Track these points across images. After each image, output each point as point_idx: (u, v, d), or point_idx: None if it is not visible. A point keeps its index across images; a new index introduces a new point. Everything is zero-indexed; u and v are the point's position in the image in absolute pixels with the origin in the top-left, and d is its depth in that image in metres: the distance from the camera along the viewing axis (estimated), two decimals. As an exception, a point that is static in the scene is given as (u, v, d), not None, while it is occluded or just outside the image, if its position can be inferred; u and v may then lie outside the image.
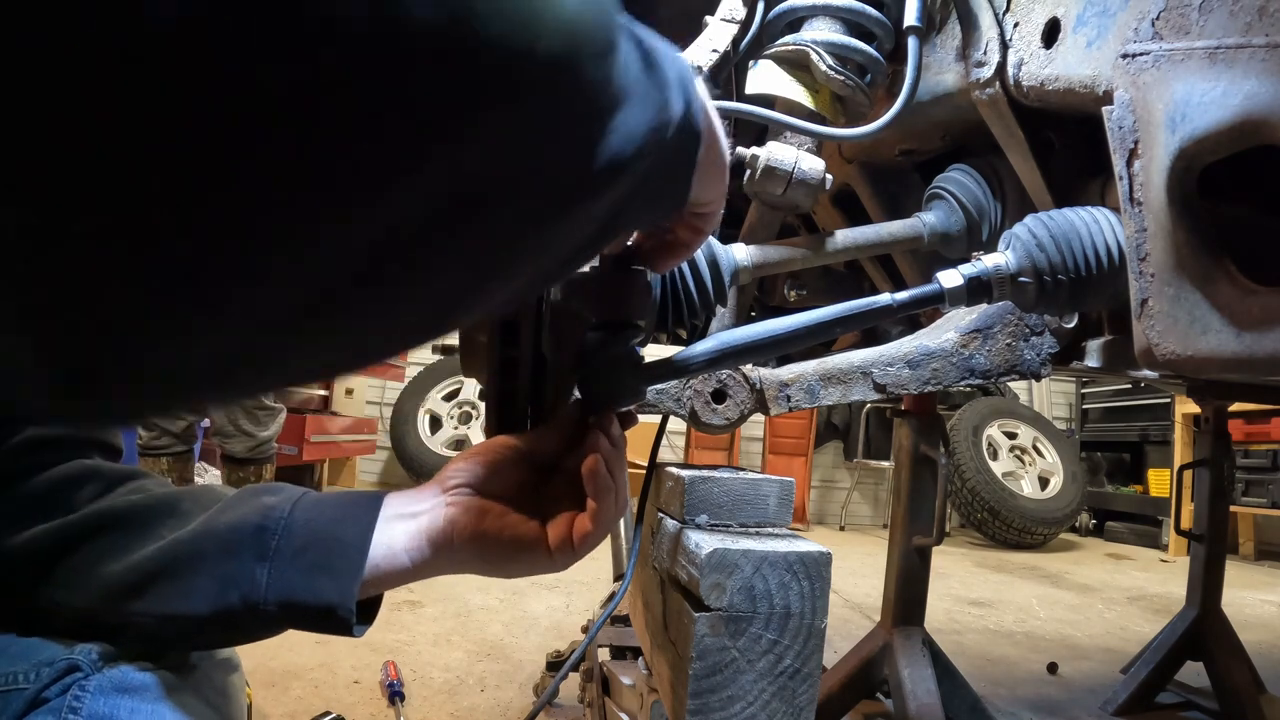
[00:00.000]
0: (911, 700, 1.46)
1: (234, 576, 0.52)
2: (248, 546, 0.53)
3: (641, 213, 0.44)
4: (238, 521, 0.54)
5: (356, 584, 0.52)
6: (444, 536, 0.55)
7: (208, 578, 0.52)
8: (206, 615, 0.52)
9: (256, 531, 0.53)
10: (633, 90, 0.35)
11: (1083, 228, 0.64)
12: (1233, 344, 0.52)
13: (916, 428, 1.61)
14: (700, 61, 0.68)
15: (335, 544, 0.53)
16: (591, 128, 0.32)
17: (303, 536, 0.54)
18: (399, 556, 0.55)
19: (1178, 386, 1.92)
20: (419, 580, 0.57)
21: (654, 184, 0.42)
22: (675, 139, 0.40)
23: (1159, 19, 0.57)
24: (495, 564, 0.56)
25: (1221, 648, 1.90)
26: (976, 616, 2.92)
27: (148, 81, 0.19)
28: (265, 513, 0.55)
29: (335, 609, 0.52)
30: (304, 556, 0.53)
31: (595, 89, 0.31)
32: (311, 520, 0.55)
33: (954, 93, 0.85)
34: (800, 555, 0.57)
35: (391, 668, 1.76)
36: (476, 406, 4.99)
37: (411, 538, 0.55)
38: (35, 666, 0.50)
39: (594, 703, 1.31)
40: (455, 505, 0.56)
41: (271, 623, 0.53)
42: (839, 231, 0.81)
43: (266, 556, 0.52)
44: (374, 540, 0.54)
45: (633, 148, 0.35)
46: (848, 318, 0.62)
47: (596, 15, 0.31)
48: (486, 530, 0.55)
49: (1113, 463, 5.96)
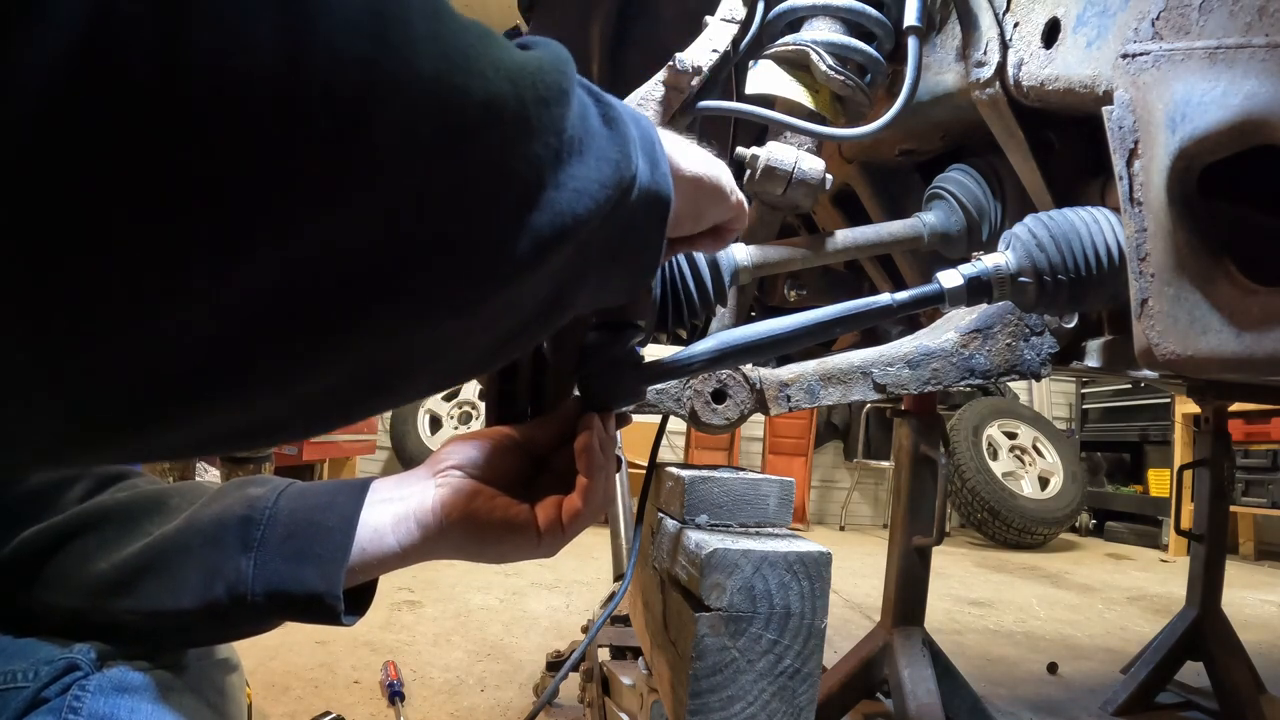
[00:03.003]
0: (911, 700, 1.46)
1: (219, 569, 0.51)
2: (232, 538, 0.52)
3: (605, 281, 0.41)
4: (222, 513, 0.54)
5: (342, 570, 0.52)
6: (432, 517, 0.54)
7: (193, 572, 0.52)
8: (194, 610, 0.51)
9: (241, 523, 0.53)
10: (589, 144, 0.32)
11: (1083, 228, 0.64)
12: (1233, 344, 0.52)
13: (916, 428, 1.61)
14: (700, 61, 0.68)
15: (319, 530, 0.53)
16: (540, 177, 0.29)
17: (287, 525, 0.53)
18: (386, 539, 0.54)
19: (1178, 386, 1.92)
20: (408, 565, 0.55)
21: (616, 249, 0.39)
22: (640, 202, 0.37)
23: (1159, 19, 0.57)
24: (484, 546, 0.55)
25: (1221, 648, 1.90)
26: (976, 616, 2.92)
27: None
28: (250, 504, 0.54)
29: (322, 597, 0.51)
30: (288, 545, 0.52)
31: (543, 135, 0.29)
32: (296, 509, 0.54)
33: (954, 93, 0.85)
34: (800, 555, 0.57)
35: (391, 668, 1.76)
36: (476, 406, 4.98)
37: (399, 520, 0.54)
38: (34, 665, 0.50)
39: (594, 703, 1.31)
40: (445, 486, 0.55)
41: (260, 614, 0.52)
42: (839, 231, 0.81)
43: (251, 547, 0.52)
44: (360, 524, 0.53)
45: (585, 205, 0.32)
46: (848, 318, 0.62)
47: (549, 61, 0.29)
48: (475, 510, 0.54)
49: (1113, 463, 5.96)
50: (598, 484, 0.55)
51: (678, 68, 0.67)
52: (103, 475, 0.61)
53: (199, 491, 0.59)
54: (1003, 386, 5.47)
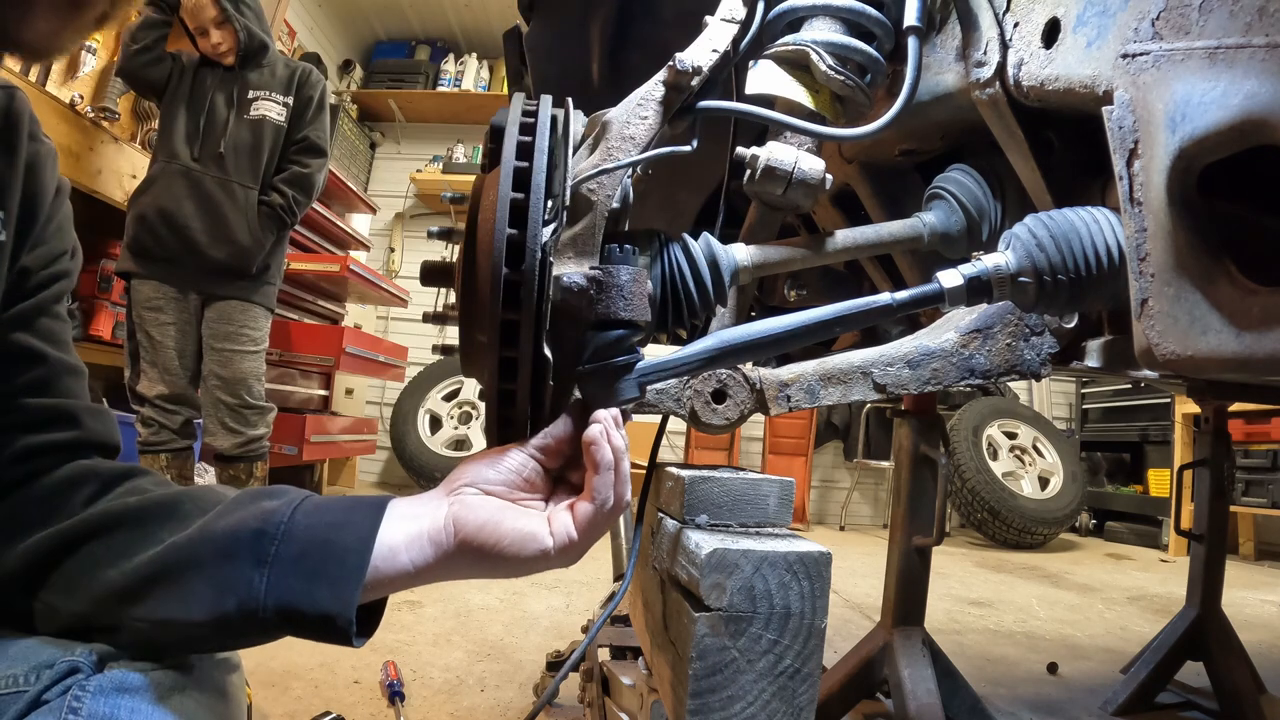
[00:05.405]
0: (911, 700, 1.46)
1: (231, 582, 0.51)
2: (246, 552, 0.52)
3: None
4: (237, 526, 0.53)
5: (357, 591, 0.51)
6: (445, 535, 0.54)
7: (205, 584, 0.51)
8: (203, 621, 0.51)
9: (255, 537, 0.52)
10: None
11: (1083, 228, 0.64)
12: (1233, 344, 0.52)
13: (916, 428, 1.61)
14: (700, 61, 0.68)
15: (335, 550, 0.52)
16: None
17: (302, 542, 0.52)
18: (399, 558, 0.53)
19: (1178, 386, 1.92)
20: (422, 584, 0.55)
21: None
22: None
23: (1159, 19, 0.57)
24: (499, 558, 0.55)
25: (1221, 648, 1.90)
26: (976, 616, 2.92)
27: None
28: (265, 517, 0.54)
29: (334, 618, 0.51)
30: (303, 563, 0.52)
31: None
32: (312, 526, 0.54)
33: (954, 93, 0.85)
34: (800, 555, 0.57)
35: (391, 668, 1.76)
36: (476, 406, 4.98)
37: (412, 539, 0.54)
38: (36, 669, 0.50)
39: (594, 703, 1.31)
40: (458, 503, 0.56)
41: (269, 629, 0.52)
42: (839, 231, 0.81)
43: (265, 562, 0.51)
44: (375, 543, 0.53)
45: None
46: (848, 317, 0.62)
47: None
48: (487, 522, 0.54)
49: (1113, 463, 5.96)
50: (606, 479, 0.55)
51: (678, 68, 0.67)
52: (109, 476, 0.61)
53: (212, 498, 0.59)
54: (1003, 386, 5.47)
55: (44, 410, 0.61)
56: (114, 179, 2.85)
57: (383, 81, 5.95)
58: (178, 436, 2.49)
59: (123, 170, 2.89)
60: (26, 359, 0.61)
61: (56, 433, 0.61)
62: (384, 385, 5.48)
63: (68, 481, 0.59)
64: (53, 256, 0.65)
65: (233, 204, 2.51)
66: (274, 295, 2.70)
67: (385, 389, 5.54)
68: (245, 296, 2.58)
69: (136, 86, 2.65)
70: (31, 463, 0.59)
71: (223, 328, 2.54)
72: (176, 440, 2.49)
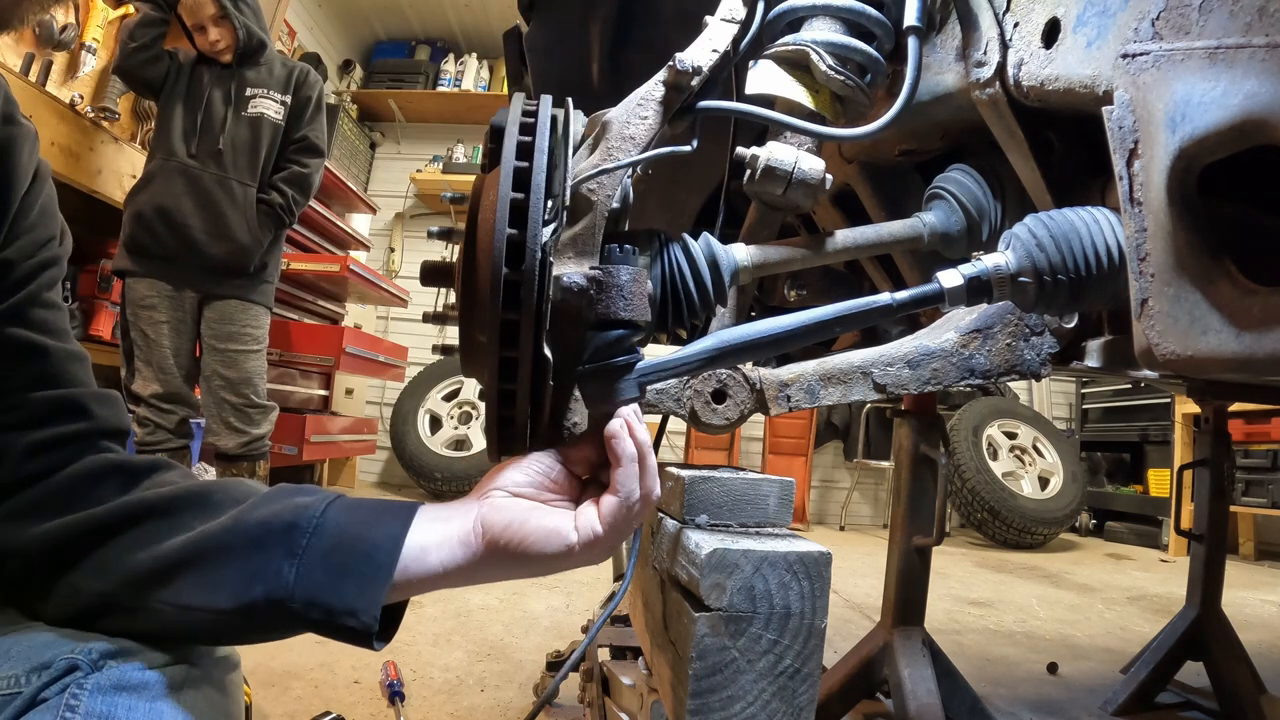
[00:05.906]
0: (911, 700, 1.46)
1: (261, 571, 0.52)
2: (277, 543, 0.52)
3: None
4: (269, 517, 0.54)
5: (383, 590, 0.52)
6: (474, 536, 0.55)
7: (235, 571, 0.52)
8: (228, 609, 0.51)
9: (287, 529, 0.53)
10: None
11: (1083, 228, 0.64)
12: (1233, 344, 0.52)
13: (916, 428, 1.61)
14: (700, 61, 0.68)
15: (365, 547, 0.53)
16: None
17: (334, 537, 0.53)
18: (429, 558, 0.54)
19: (1178, 386, 1.92)
20: (449, 586, 0.56)
21: None
22: None
23: (1159, 19, 0.57)
24: (525, 557, 0.55)
25: (1221, 648, 1.90)
26: (976, 616, 2.92)
27: None
28: (298, 511, 0.54)
29: (359, 614, 0.51)
30: (333, 557, 0.52)
31: None
32: (343, 523, 0.54)
33: (954, 93, 0.85)
34: (800, 555, 0.57)
35: (391, 668, 1.76)
36: (476, 406, 4.98)
37: (443, 540, 0.55)
38: (35, 669, 0.50)
39: (594, 703, 1.31)
40: (486, 505, 0.56)
41: (293, 621, 0.52)
42: (839, 231, 0.81)
43: (296, 554, 0.52)
44: (406, 542, 0.54)
45: None
46: (848, 317, 0.62)
47: None
48: (512, 523, 0.55)
49: (1113, 463, 5.96)
50: (629, 470, 0.55)
51: (678, 68, 0.67)
52: (135, 469, 0.61)
53: (243, 491, 0.59)
54: (1003, 386, 5.47)
55: (51, 403, 0.61)
56: (114, 179, 2.85)
57: (383, 81, 5.95)
58: (174, 436, 2.48)
59: (123, 170, 2.89)
60: (25, 353, 0.60)
61: (67, 424, 0.61)
62: (384, 385, 5.48)
63: (90, 474, 0.59)
64: (38, 245, 0.63)
65: (231, 201, 2.51)
66: (272, 294, 2.70)
67: (385, 389, 5.54)
68: (245, 295, 2.58)
69: (134, 85, 2.65)
70: (46, 457, 0.59)
71: (225, 328, 2.54)
72: (173, 440, 2.48)
